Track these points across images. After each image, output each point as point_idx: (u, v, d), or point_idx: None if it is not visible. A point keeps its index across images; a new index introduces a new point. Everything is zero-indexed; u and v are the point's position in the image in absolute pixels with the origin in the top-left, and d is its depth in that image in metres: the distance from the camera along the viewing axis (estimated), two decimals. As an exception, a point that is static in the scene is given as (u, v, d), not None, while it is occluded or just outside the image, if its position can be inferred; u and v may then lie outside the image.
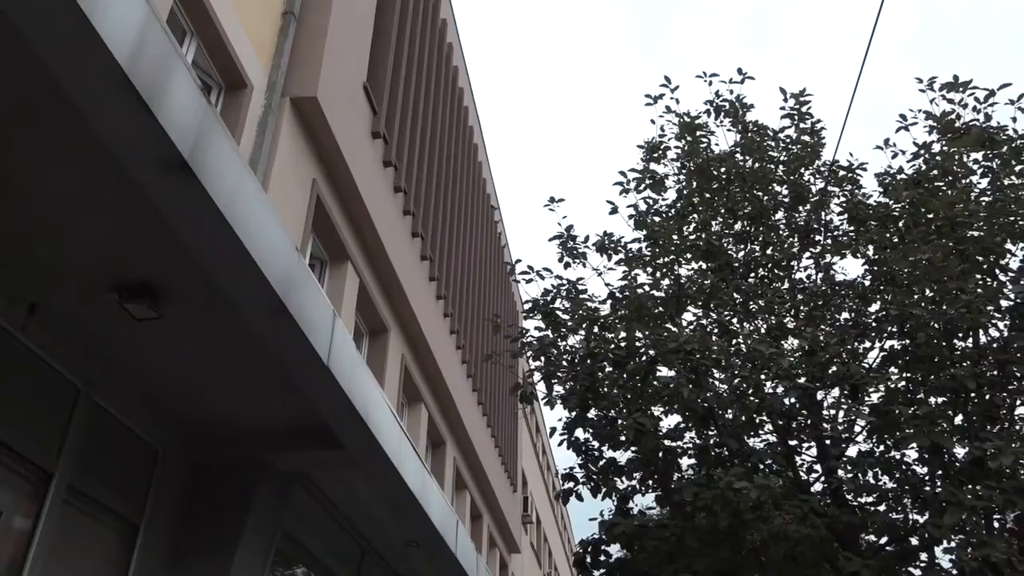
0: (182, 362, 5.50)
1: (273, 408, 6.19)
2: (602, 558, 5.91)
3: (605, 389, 6.19)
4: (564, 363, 6.28)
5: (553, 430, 6.05)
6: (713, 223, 9.16)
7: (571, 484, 6.01)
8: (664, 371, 6.19)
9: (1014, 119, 8.75)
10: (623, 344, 6.21)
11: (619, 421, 5.99)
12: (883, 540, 5.77)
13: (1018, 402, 5.34)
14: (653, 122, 9.94)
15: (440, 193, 14.05)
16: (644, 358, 5.91)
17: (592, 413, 6.26)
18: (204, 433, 6.46)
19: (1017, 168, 8.29)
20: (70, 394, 5.18)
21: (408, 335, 12.13)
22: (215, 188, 3.76)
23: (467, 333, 15.65)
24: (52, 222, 4.16)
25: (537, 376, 6.15)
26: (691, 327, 6.89)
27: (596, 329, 6.49)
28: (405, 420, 12.55)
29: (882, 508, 5.82)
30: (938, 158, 8.69)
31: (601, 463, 6.22)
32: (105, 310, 4.75)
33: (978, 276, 6.75)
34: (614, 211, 9.04)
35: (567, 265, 7.92)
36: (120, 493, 5.67)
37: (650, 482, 6.10)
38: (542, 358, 6.27)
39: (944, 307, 5.76)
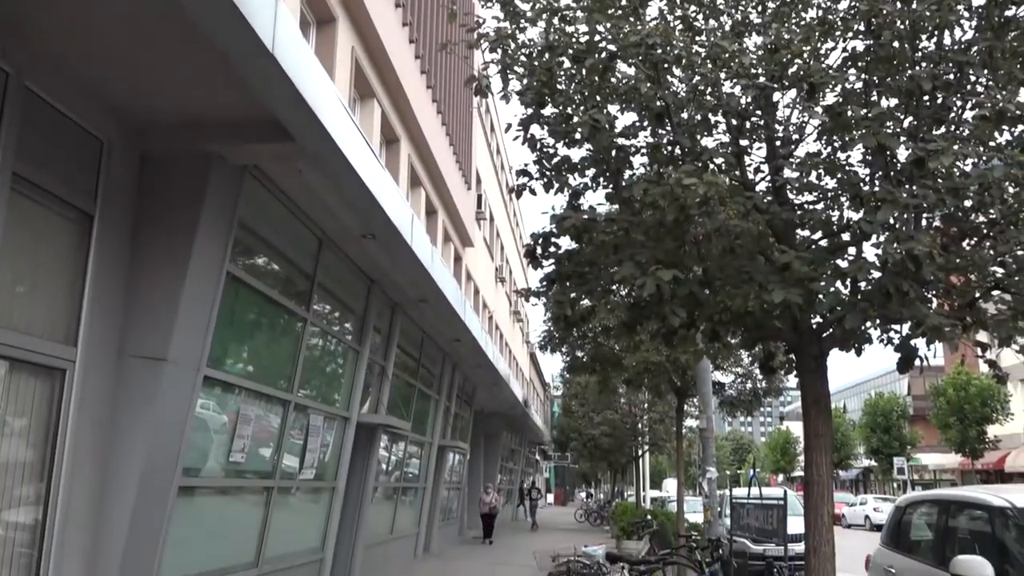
0: (117, 48, 5.18)
1: (220, 98, 5.99)
2: (552, 249, 6.16)
3: (562, 85, 6.06)
4: (522, 57, 6.07)
5: (509, 126, 5.99)
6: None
7: (525, 179, 6.09)
8: (623, 68, 6.03)
9: None
10: (583, 38, 5.97)
11: (575, 118, 5.93)
12: (817, 236, 6.08)
13: (968, 104, 5.39)
14: None
15: None
16: (604, 53, 5.72)
17: (548, 110, 6.18)
18: (150, 124, 6.28)
19: None
20: (-2, 79, 4.92)
21: (358, 26, 11.48)
22: None
23: (421, 26, 14.87)
24: None
25: (493, 69, 5.96)
26: (654, 22, 6.60)
27: (556, 21, 6.18)
28: (357, 116, 12.31)
29: (820, 207, 6.06)
30: None
31: (555, 160, 6.26)
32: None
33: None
34: None
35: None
36: (68, 183, 5.62)
37: (602, 179, 6.20)
38: (499, 51, 6.03)
39: (914, 4, 5.57)
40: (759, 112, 6.10)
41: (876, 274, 4.94)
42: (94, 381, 5.87)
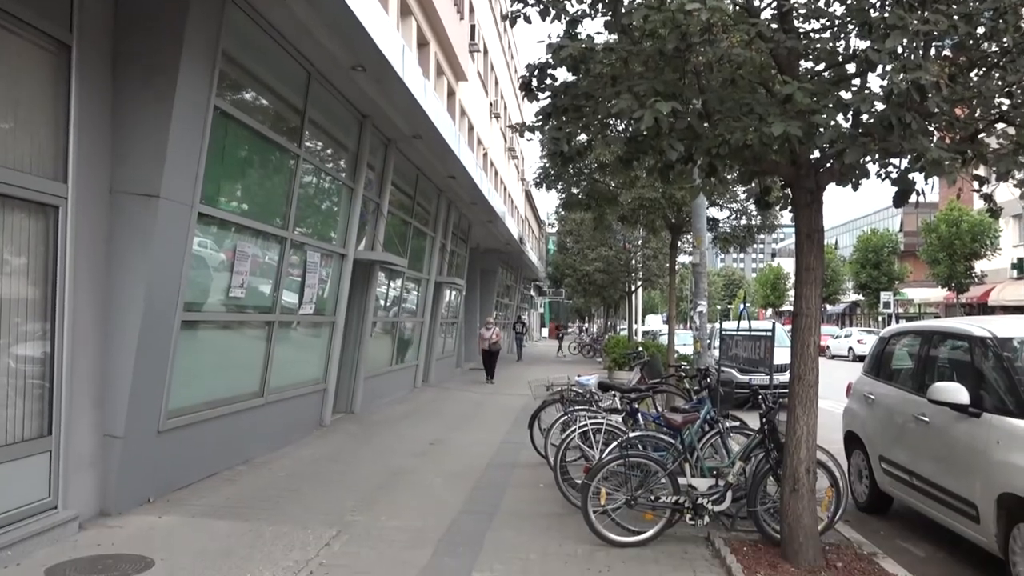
0: None
1: (192, -84, 5.60)
2: (548, 82, 5.97)
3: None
4: None
5: (502, -53, 5.64)
6: None
7: (520, 5, 5.80)
8: None
9: None
10: None
11: (572, -63, 5.58)
12: (821, 67, 5.89)
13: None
14: None
15: None
16: None
17: (544, -72, 5.80)
18: (120, -56, 5.91)
19: None
20: None
21: None
22: None
23: None
24: None
25: None
26: None
27: None
28: (342, -63, 11.57)
29: (827, 35, 5.83)
30: None
31: (552, -15, 5.94)
32: None
33: None
34: None
35: None
36: (39, 10, 5.34)
37: (600, 6, 5.91)
38: None
39: None
40: (769, -70, 5.75)
41: (880, 106, 4.82)
42: (88, 218, 5.85)
